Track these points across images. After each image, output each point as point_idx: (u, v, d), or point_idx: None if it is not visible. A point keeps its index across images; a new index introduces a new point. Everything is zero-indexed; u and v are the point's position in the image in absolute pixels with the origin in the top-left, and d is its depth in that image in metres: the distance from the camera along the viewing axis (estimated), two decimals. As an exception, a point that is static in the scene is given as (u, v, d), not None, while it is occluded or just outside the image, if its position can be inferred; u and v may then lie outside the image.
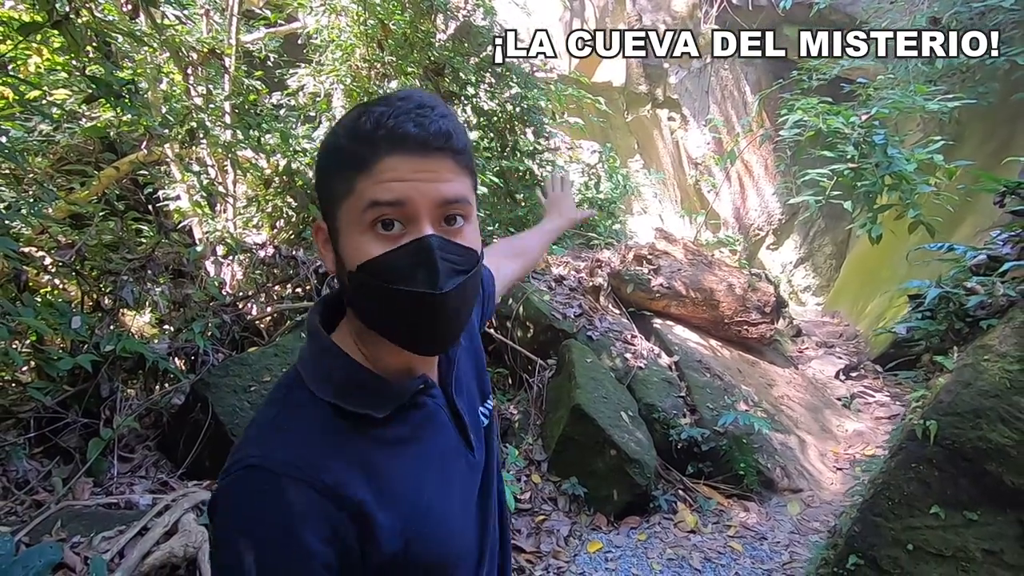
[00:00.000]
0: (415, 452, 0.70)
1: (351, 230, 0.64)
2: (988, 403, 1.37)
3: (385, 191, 0.62)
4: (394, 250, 0.62)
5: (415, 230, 0.63)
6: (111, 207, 3.49)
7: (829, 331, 6.61)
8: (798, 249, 8.79)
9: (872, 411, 4.91)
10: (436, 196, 0.63)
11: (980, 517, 1.37)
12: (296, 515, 0.59)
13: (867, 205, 4.13)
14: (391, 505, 0.64)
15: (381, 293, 0.63)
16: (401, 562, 0.65)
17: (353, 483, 0.62)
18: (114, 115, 3.72)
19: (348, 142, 0.65)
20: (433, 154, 0.63)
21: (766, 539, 3.31)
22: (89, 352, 2.60)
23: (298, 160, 4.52)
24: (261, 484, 0.60)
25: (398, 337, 0.67)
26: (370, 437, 0.66)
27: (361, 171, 0.63)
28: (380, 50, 4.81)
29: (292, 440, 0.64)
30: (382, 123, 0.63)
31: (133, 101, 2.72)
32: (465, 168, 0.67)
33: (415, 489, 0.67)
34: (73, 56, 2.75)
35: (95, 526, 2.14)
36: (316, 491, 0.60)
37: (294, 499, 0.59)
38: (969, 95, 5.01)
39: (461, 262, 0.65)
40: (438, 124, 0.63)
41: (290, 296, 4.05)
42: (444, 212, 0.64)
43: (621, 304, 4.84)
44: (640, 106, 9.83)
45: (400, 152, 0.62)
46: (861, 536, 1.53)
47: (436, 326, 0.65)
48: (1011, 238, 1.63)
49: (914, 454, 1.47)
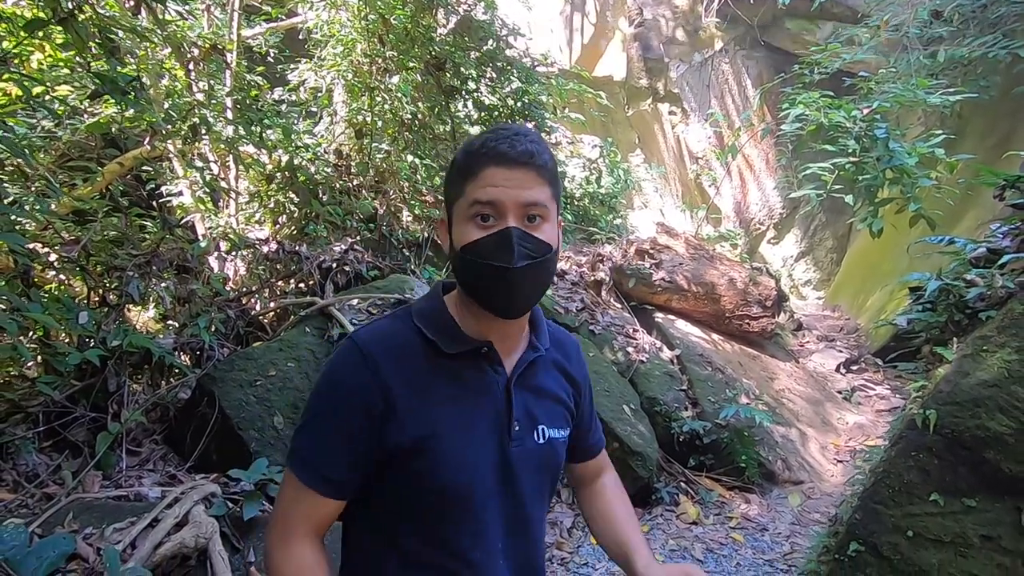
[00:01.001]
0: (455, 391, 0.90)
1: (460, 221, 0.88)
2: (987, 393, 1.39)
3: (483, 193, 0.84)
4: (486, 236, 0.85)
5: (503, 223, 0.84)
6: (115, 203, 3.50)
7: (830, 325, 6.63)
8: (799, 243, 8.79)
9: (873, 404, 4.94)
10: (520, 199, 0.84)
11: (978, 504, 1.39)
12: (349, 366, 0.89)
13: (868, 199, 4.14)
14: (414, 407, 0.87)
15: (475, 266, 0.86)
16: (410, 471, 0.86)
17: (392, 373, 0.87)
18: (116, 111, 3.72)
19: (462, 157, 0.89)
20: (520, 168, 0.85)
21: (767, 530, 3.34)
22: (96, 347, 2.62)
23: (300, 156, 4.53)
24: (344, 347, 0.92)
25: (483, 300, 0.88)
26: (430, 359, 0.90)
27: (468, 178, 0.86)
28: (381, 45, 4.80)
29: (377, 332, 0.93)
30: (486, 144, 0.86)
31: (137, 97, 2.73)
32: (546, 181, 0.87)
33: (438, 412, 0.88)
34: (77, 52, 2.76)
35: (106, 518, 2.17)
36: (365, 362, 0.88)
37: (353, 359, 0.89)
38: (971, 89, 5.01)
39: (534, 250, 0.85)
40: (525, 146, 0.85)
41: (293, 291, 4.06)
42: (526, 212, 0.85)
43: (623, 298, 4.86)
44: (641, 100, 9.81)
45: (496, 165, 0.85)
46: (862, 523, 1.56)
47: (509, 294, 0.86)
48: (1011, 231, 1.65)
49: (914, 443, 1.49)
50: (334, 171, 4.78)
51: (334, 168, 4.80)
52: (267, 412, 2.97)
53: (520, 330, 0.97)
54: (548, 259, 0.87)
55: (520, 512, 0.94)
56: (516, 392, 0.94)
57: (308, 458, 0.89)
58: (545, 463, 0.97)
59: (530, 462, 0.94)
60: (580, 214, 6.46)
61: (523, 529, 0.95)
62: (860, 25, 6.34)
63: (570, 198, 6.47)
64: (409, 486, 0.88)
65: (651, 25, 9.37)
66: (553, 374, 1.02)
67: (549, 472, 0.98)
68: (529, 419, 0.95)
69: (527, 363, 0.96)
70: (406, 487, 0.88)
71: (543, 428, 0.96)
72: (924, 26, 5.78)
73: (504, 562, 0.92)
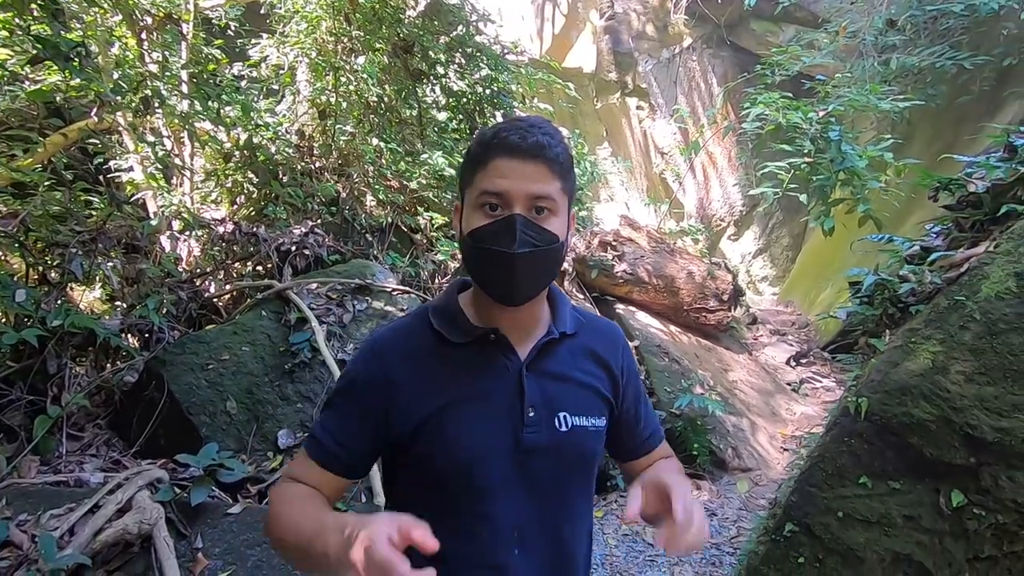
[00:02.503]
0: (462, 379, 0.92)
1: (469, 208, 0.89)
2: (913, 382, 1.49)
3: (491, 184, 0.85)
4: (491, 222, 0.86)
5: (509, 212, 0.85)
6: (58, 176, 3.33)
7: (783, 319, 6.88)
8: (757, 240, 9.06)
9: (819, 395, 5.16)
10: (527, 191, 0.85)
11: (902, 486, 1.49)
12: (361, 362, 0.96)
13: (821, 198, 4.30)
14: (417, 394, 0.90)
15: (478, 251, 0.87)
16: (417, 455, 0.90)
17: (397, 364, 0.92)
18: (61, 79, 3.52)
19: (475, 147, 0.90)
20: (530, 160, 0.85)
21: (716, 515, 3.47)
22: (35, 327, 2.50)
23: (260, 134, 4.38)
24: (362, 345, 1.00)
25: (487, 286, 0.90)
26: (439, 350, 0.93)
27: (479, 168, 0.87)
28: (347, 23, 4.68)
29: (391, 328, 0.99)
30: (498, 135, 0.86)
31: (82, 65, 2.59)
32: (556, 174, 0.87)
33: (442, 399, 0.90)
34: (16, 14, 2.59)
35: (43, 504, 2.09)
36: (376, 358, 0.94)
37: (364, 355, 0.96)
38: (919, 96, 5.24)
39: (537, 239, 0.85)
40: (536, 138, 0.85)
41: (250, 274, 3.96)
42: (534, 204, 0.86)
43: (585, 289, 4.92)
44: (610, 94, 9.88)
45: (506, 156, 0.85)
46: (797, 505, 1.64)
47: (510, 280, 0.86)
48: (942, 230, 1.76)
49: (847, 429, 1.58)
50: (296, 152, 4.66)
51: (296, 149, 4.67)
52: (219, 397, 2.91)
53: (534, 318, 0.97)
54: (552, 248, 0.87)
55: (540, 501, 0.92)
56: (530, 378, 0.92)
57: (317, 434, 0.95)
58: (569, 451, 0.93)
59: (549, 450, 0.91)
60: (546, 205, 6.47)
61: (546, 519, 0.92)
62: (820, 30, 6.53)
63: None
64: (419, 470, 0.91)
65: (621, 19, 9.43)
66: (583, 361, 0.99)
67: (576, 461, 0.95)
68: (547, 406, 0.92)
69: (541, 347, 0.94)
70: (416, 471, 0.92)
71: (564, 415, 0.93)
72: (879, 34, 6.01)
73: (520, 552, 0.90)
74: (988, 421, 1.40)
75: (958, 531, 1.44)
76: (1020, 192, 1.56)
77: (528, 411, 0.91)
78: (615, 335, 1.07)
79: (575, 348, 0.99)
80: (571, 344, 0.99)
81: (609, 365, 1.01)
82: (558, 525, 0.94)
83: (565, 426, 0.93)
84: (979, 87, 5.62)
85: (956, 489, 1.43)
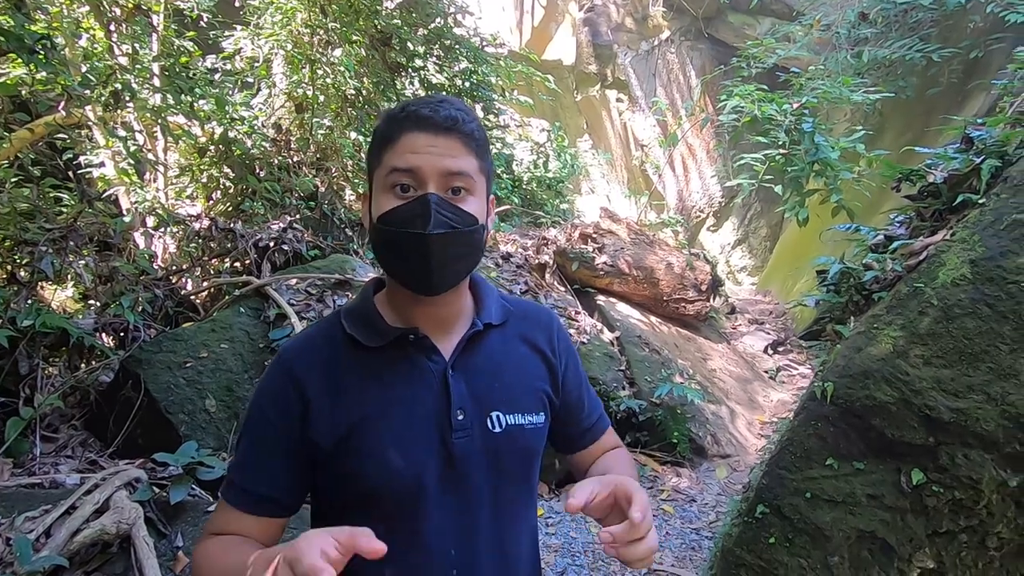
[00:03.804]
0: (379, 387, 0.83)
1: (378, 192, 0.81)
2: (875, 366, 1.54)
3: (401, 160, 0.78)
4: (403, 204, 0.78)
5: (423, 192, 0.78)
6: (25, 173, 3.24)
7: (761, 309, 7.01)
8: (736, 231, 9.20)
9: (795, 382, 5.29)
10: (441, 167, 0.78)
11: (866, 466, 1.55)
12: (267, 382, 0.86)
13: (795, 189, 4.38)
14: (331, 407, 0.82)
15: (389, 236, 0.79)
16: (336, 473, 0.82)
17: (307, 376, 0.83)
18: (26, 72, 3.42)
19: (382, 124, 0.83)
20: (443, 134, 0.78)
21: (695, 501, 3.55)
22: (4, 327, 2.45)
23: (235, 128, 4.32)
24: (271, 362, 0.88)
25: (400, 275, 0.83)
26: (353, 357, 0.84)
27: (387, 145, 0.80)
28: (323, 15, 4.63)
29: (299, 338, 0.89)
30: (407, 109, 0.80)
31: (48, 57, 2.53)
32: (472, 151, 0.81)
33: (359, 411, 0.82)
34: (-24, 5, 2.52)
35: (17, 506, 2.06)
36: (284, 375, 0.84)
37: (273, 371, 0.86)
38: (890, 88, 5.36)
39: (455, 220, 0.78)
40: (448, 111, 0.79)
41: (228, 270, 3.91)
42: (449, 183, 0.79)
43: (566, 281, 4.96)
44: (589, 86, 9.91)
45: (416, 130, 0.78)
46: (768, 488, 1.70)
47: (426, 265, 0.78)
48: (905, 220, 1.82)
49: (814, 412, 1.64)
50: (272, 146, 4.60)
51: (272, 143, 4.62)
52: (198, 395, 2.88)
53: (456, 312, 0.88)
54: (472, 231, 0.79)
55: (477, 512, 0.83)
56: (456, 377, 0.84)
57: (234, 478, 0.84)
58: (506, 454, 0.85)
59: (484, 455, 0.83)
60: (527, 198, 6.50)
61: (485, 534, 0.84)
62: (795, 23, 6.63)
63: (518, 181, 6.50)
64: (342, 491, 0.82)
65: (600, 11, 9.45)
66: (514, 352, 0.91)
67: (514, 464, 0.87)
68: (477, 406, 0.84)
69: (466, 342, 0.86)
70: (338, 493, 0.83)
71: (498, 415, 0.85)
72: (852, 27, 6.11)
73: (457, 571, 0.82)
74: (945, 402, 1.46)
75: (918, 508, 1.50)
76: (975, 182, 1.62)
77: (456, 414, 0.82)
78: (547, 318, 0.98)
79: (505, 339, 0.91)
80: (500, 335, 0.90)
81: (543, 351, 0.94)
82: (500, 537, 0.86)
83: (499, 426, 0.85)
84: (947, 79, 5.76)
85: (916, 468, 1.49)
